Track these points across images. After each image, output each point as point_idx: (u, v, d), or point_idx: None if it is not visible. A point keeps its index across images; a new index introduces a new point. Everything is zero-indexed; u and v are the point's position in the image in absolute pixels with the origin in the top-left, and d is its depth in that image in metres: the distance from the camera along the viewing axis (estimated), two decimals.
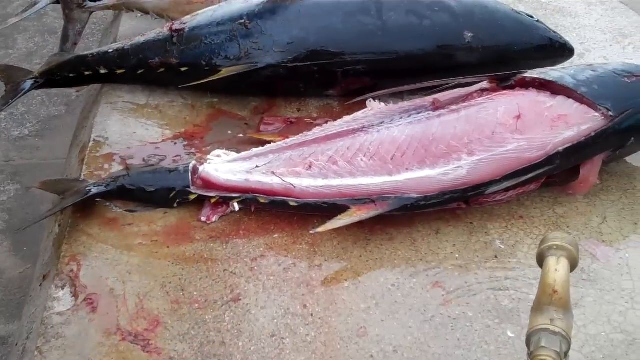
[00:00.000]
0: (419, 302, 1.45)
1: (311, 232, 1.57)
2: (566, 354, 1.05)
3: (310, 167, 1.59)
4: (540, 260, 1.12)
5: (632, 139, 1.71)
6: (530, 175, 1.62)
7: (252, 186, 1.61)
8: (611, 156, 1.72)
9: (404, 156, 1.58)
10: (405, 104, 1.77)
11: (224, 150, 1.73)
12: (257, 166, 1.63)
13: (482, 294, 1.47)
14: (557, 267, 1.08)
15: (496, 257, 1.56)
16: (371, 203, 1.56)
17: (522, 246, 1.59)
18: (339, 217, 1.54)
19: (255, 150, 1.70)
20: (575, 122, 1.62)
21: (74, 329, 1.37)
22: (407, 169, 1.57)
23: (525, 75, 1.74)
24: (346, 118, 1.75)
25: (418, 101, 1.76)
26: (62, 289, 1.45)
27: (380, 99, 1.87)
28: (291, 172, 1.59)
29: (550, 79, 1.68)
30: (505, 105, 1.64)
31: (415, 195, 1.56)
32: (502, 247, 1.59)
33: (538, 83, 1.70)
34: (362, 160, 1.58)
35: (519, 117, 1.60)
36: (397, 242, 1.59)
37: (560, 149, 1.60)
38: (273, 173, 1.60)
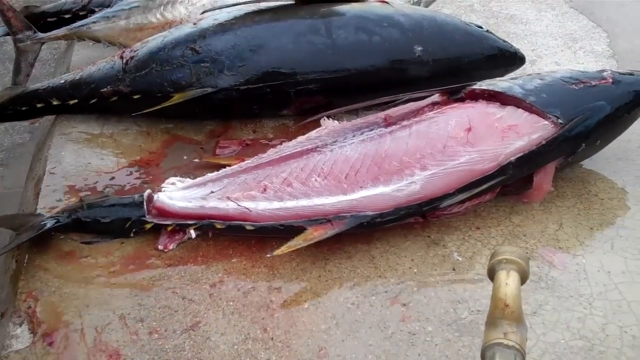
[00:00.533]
0: (379, 320, 1.44)
1: (268, 255, 1.57)
2: None
3: (265, 190, 1.58)
4: (491, 274, 1.12)
5: (583, 144, 1.73)
6: (483, 187, 1.62)
7: (207, 212, 1.60)
8: (564, 163, 1.74)
9: (358, 174, 1.58)
10: (357, 122, 1.77)
11: (178, 178, 1.72)
12: (212, 192, 1.62)
13: (441, 307, 1.47)
14: (508, 280, 1.08)
15: (454, 269, 1.57)
16: (327, 223, 1.56)
17: (479, 257, 1.59)
18: (296, 239, 1.54)
19: (209, 175, 1.69)
20: (525, 131, 1.63)
21: None
22: (361, 187, 1.57)
23: (475, 87, 1.74)
24: (300, 138, 1.75)
25: (370, 118, 1.76)
26: (20, 325, 1.44)
27: (334, 117, 1.88)
28: (246, 196, 1.59)
29: (499, 90, 1.69)
30: (455, 118, 1.65)
31: (371, 213, 1.56)
32: (460, 259, 1.59)
33: (487, 94, 1.71)
34: (316, 180, 1.58)
35: (469, 129, 1.61)
36: (355, 260, 1.59)
37: (512, 159, 1.61)
38: (228, 198, 1.59)
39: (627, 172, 1.86)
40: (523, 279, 1.11)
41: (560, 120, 1.64)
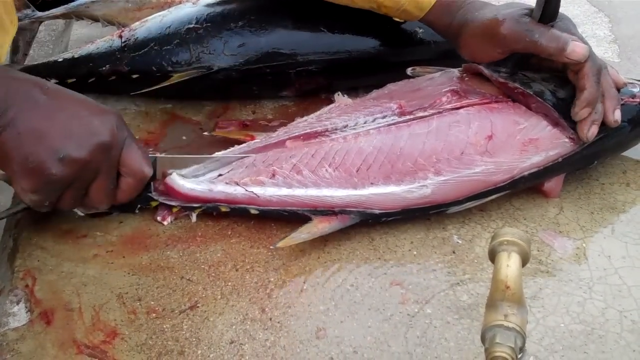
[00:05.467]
0: (378, 302, 1.44)
1: (272, 247, 1.55)
2: (521, 349, 1.05)
3: (273, 175, 1.56)
4: (492, 256, 1.12)
5: (595, 162, 1.73)
6: (491, 197, 1.61)
7: (215, 196, 1.57)
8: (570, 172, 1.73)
9: (370, 170, 1.54)
10: (370, 104, 1.71)
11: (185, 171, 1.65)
12: (220, 174, 1.59)
13: (440, 290, 1.47)
14: (509, 262, 1.08)
15: (454, 252, 1.56)
16: (333, 215, 1.54)
17: (479, 240, 1.59)
18: (299, 230, 1.52)
19: (217, 155, 1.65)
20: (544, 147, 1.59)
21: (29, 344, 1.35)
22: (372, 184, 1.54)
23: (509, 83, 1.64)
24: (311, 118, 1.72)
25: (385, 101, 1.70)
26: (17, 304, 1.43)
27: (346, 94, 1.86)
28: (254, 181, 1.56)
29: (531, 93, 1.61)
30: (478, 121, 1.59)
31: (378, 211, 1.55)
32: (460, 242, 1.59)
33: (520, 93, 1.63)
34: (326, 170, 1.55)
35: (490, 137, 1.57)
36: (355, 242, 1.58)
37: (526, 173, 1.59)
38: (236, 183, 1.56)
39: (628, 157, 1.85)
40: (524, 260, 1.11)
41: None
